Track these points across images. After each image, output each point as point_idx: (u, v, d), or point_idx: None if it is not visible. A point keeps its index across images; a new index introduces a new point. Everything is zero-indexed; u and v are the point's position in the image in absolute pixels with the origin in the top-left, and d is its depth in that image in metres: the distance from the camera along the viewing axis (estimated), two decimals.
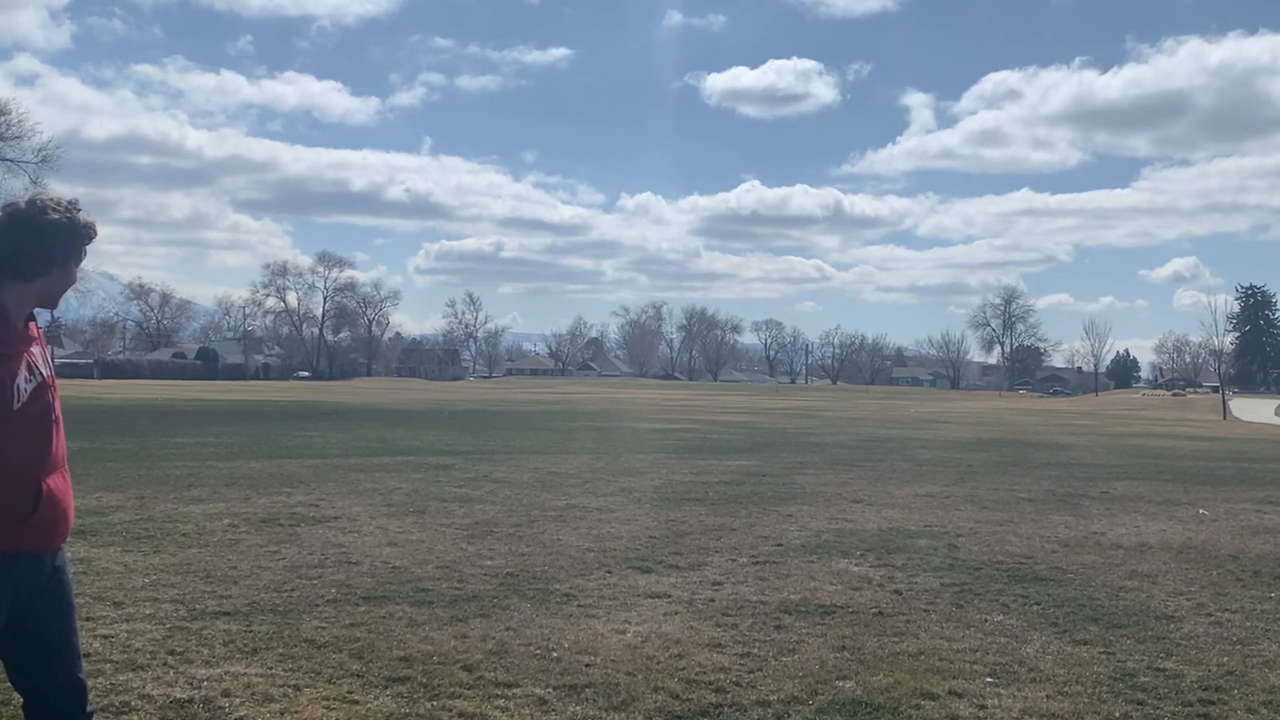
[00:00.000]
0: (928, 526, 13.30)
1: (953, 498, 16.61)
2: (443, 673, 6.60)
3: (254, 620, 7.84)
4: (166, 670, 6.55)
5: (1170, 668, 7.08)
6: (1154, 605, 9.00)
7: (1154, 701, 6.37)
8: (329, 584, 9.16)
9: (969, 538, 12.45)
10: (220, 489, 15.78)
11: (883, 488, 17.89)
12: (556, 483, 17.66)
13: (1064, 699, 6.37)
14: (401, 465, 20.37)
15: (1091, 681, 6.74)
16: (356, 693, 6.21)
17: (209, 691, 6.15)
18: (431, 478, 18.05)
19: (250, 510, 13.53)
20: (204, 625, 7.66)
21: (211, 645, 7.14)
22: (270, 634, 7.46)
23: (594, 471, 19.98)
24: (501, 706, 6.02)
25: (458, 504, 14.62)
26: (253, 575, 9.47)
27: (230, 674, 6.50)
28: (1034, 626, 8.18)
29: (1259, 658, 7.38)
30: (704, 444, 29.68)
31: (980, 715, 6.06)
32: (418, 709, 5.96)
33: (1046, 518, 14.40)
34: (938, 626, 8.10)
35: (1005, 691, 6.50)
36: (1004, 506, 15.59)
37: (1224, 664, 7.20)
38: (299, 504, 14.20)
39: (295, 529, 12.09)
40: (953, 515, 14.49)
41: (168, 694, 6.10)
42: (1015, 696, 6.41)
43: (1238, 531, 13.44)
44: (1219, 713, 6.18)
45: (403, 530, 12.17)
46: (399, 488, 16.39)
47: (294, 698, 6.10)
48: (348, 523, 12.64)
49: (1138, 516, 14.72)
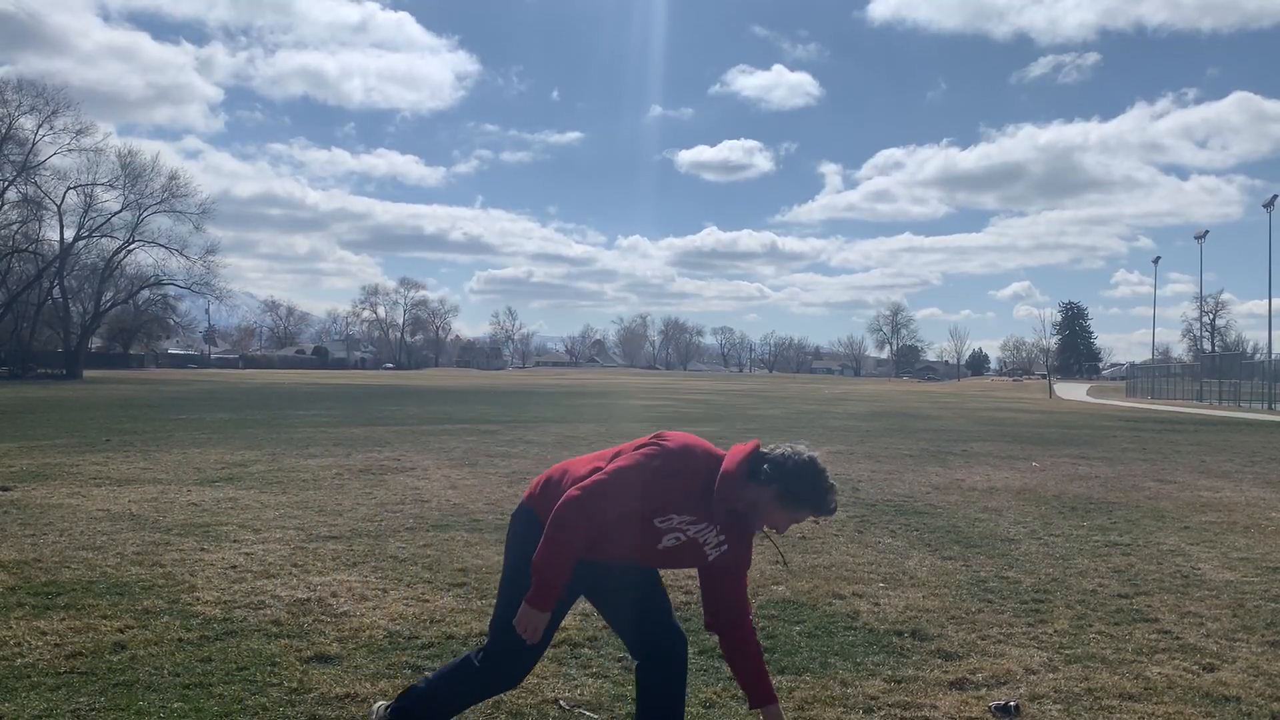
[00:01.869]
0: (837, 474, 13.21)
1: (855, 454, 16.63)
2: (489, 579, 6.58)
3: (354, 542, 7.83)
4: (291, 578, 6.54)
5: (1011, 576, 7.10)
6: (1000, 531, 9.03)
7: (999, 600, 6.40)
8: (407, 516, 9.14)
9: (867, 483, 12.47)
10: (330, 447, 15.72)
11: None
12: (571, 443, 17.63)
13: (935, 598, 6.39)
14: (459, 430, 20.32)
15: (954, 586, 6.76)
16: (428, 594, 6.20)
17: (322, 593, 6.14)
18: (481, 440, 18.01)
19: (351, 463, 13.48)
20: (318, 545, 7.65)
21: (323, 560, 7.12)
22: (365, 552, 7.44)
23: (598, 435, 19.96)
24: None
25: (500, 458, 14.59)
26: (353, 509, 9.45)
27: (337, 580, 6.48)
28: (913, 546, 8.20)
29: (1075, 569, 7.41)
30: (677, 416, 29.66)
31: (875, 610, 6.07)
32: (471, 605, 5.96)
33: (923, 468, 14.43)
34: (844, 547, 8.12)
35: (893, 593, 6.52)
36: (892, 460, 15.61)
37: (1050, 573, 7.23)
38: (386, 458, 14.15)
39: (383, 476, 12.06)
40: (856, 466, 14.51)
41: (292, 595, 6.08)
42: (900, 596, 6.43)
43: (1060, 478, 13.49)
44: (1046, 608, 6.20)
45: (460, 477, 12.14)
46: (457, 446, 16.34)
47: (382, 597, 6.08)
48: (420, 472, 12.60)
49: (988, 467, 14.76)
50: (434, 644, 5.17)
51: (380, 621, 5.54)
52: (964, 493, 11.71)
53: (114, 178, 67.27)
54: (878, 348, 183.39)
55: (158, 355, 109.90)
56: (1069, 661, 5.12)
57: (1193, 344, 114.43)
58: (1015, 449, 18.47)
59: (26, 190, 63.85)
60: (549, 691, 4.52)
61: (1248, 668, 5.06)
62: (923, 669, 4.96)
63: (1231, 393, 52.32)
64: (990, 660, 5.09)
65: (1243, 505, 11.09)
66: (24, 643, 5.00)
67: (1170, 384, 67.44)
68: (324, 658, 4.91)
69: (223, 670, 4.67)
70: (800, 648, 5.28)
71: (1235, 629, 5.80)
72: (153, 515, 8.88)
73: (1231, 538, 8.92)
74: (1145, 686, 4.75)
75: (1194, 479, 13.73)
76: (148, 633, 5.23)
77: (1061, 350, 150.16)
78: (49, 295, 69.82)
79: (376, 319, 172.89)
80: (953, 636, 5.52)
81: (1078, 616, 6.00)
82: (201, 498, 10.00)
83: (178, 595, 6.02)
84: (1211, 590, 6.78)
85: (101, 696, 4.31)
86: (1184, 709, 4.46)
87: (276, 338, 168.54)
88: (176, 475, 11.80)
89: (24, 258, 65.69)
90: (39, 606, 5.69)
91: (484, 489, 11.12)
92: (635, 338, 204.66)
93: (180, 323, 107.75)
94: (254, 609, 5.75)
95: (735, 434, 21.12)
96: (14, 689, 4.36)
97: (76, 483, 10.96)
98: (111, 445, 15.54)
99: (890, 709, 4.40)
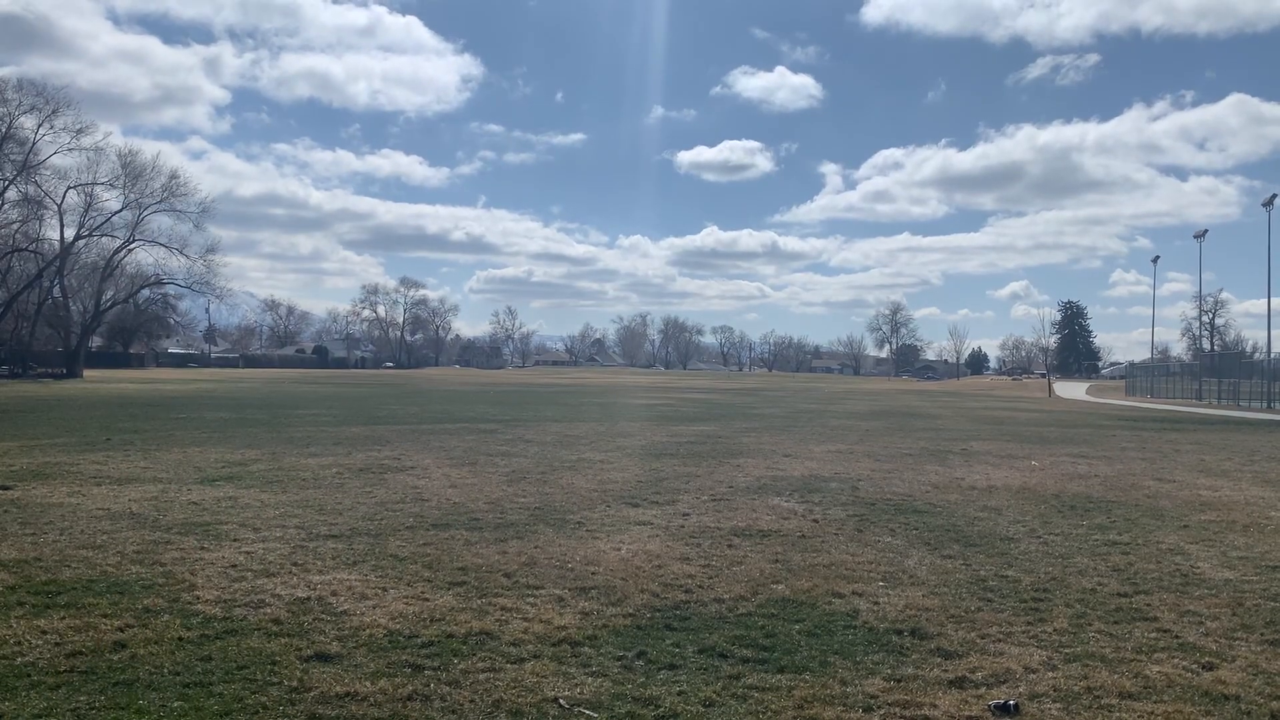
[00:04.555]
0: (837, 474, 13.31)
1: (855, 453, 16.62)
2: (489, 578, 6.59)
3: (354, 541, 7.82)
4: (291, 576, 6.53)
5: (1011, 574, 7.10)
6: (999, 530, 9.02)
7: (999, 599, 6.39)
8: (407, 515, 9.14)
9: (867, 481, 12.46)
10: (330, 446, 15.71)
11: (805, 446, 17.90)
12: (570, 442, 17.63)
13: (934, 597, 6.39)
14: (459, 430, 20.31)
15: (954, 584, 6.76)
16: (428, 593, 6.20)
17: (322, 592, 6.14)
18: (481, 439, 18.00)
19: (351, 462, 13.48)
20: (318, 544, 7.64)
21: (323, 558, 7.12)
22: (365, 550, 7.44)
23: (597, 434, 19.96)
24: (531, 602, 6.01)
25: (500, 457, 14.59)
26: (353, 508, 9.44)
27: (337, 579, 6.48)
28: (913, 545, 8.19)
29: (1074, 568, 7.41)
30: (676, 414, 29.66)
31: (875, 608, 6.07)
32: (471, 604, 5.95)
33: (922, 467, 14.42)
34: (844, 545, 8.11)
35: (893, 592, 6.51)
36: (892, 459, 15.61)
37: (1049, 572, 7.22)
38: (386, 457, 14.15)
39: (383, 475, 12.05)
40: (855, 465, 14.50)
41: (292, 593, 6.08)
42: (899, 595, 6.42)
43: (1059, 477, 13.48)
44: (1045, 606, 6.20)
45: (460, 476, 12.13)
46: (457, 445, 16.34)
47: (382, 596, 6.08)
48: (421, 471, 12.60)
49: (987, 466, 14.75)
50: (434, 642, 5.17)
51: (380, 620, 5.54)
52: (963, 491, 11.70)
53: (114, 177, 67.31)
54: (877, 347, 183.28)
55: (158, 354, 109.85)
56: (1068, 660, 5.12)
57: (1192, 343, 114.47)
58: (1014, 448, 18.46)
59: (27, 189, 63.83)
60: (549, 690, 4.51)
61: (1247, 666, 5.06)
62: (922, 667, 4.95)
63: (1230, 392, 52.32)
64: (990, 659, 5.09)
65: (1242, 504, 11.09)
66: (24, 641, 5.00)
67: (1169, 383, 67.44)
68: (324, 656, 4.91)
69: (223, 669, 4.67)
70: (800, 646, 5.28)
71: (1234, 628, 5.80)
72: (153, 514, 8.88)
73: (1231, 536, 8.91)
74: (1144, 685, 4.74)
75: (1193, 478, 13.72)
76: (148, 631, 5.23)
77: (1061, 349, 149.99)
78: (49, 294, 69.81)
79: (377, 318, 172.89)
80: (952, 635, 5.52)
81: (1077, 615, 5.99)
82: (202, 496, 10.00)
83: (178, 594, 6.02)
84: (1211, 589, 6.77)
85: (102, 695, 4.30)
86: (1183, 707, 4.46)
87: (277, 337, 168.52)
88: (177, 474, 11.80)
89: (24, 257, 65.65)
90: (39, 605, 5.69)
91: (484, 488, 11.11)
92: (635, 337, 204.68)
93: (180, 322, 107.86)
94: (254, 607, 5.75)
95: (734, 432, 21.13)
96: (14, 688, 4.36)
97: (77, 482, 10.96)
98: (112, 444, 15.53)
99: (890, 707, 4.40)
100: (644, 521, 9.04)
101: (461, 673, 4.70)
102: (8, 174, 61.59)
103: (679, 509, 9.84)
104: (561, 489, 11.18)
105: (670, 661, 4.94)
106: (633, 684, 4.62)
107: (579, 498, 10.51)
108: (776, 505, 10.24)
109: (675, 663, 4.92)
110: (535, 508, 9.73)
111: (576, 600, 6.09)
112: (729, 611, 5.92)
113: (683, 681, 4.66)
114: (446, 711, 4.23)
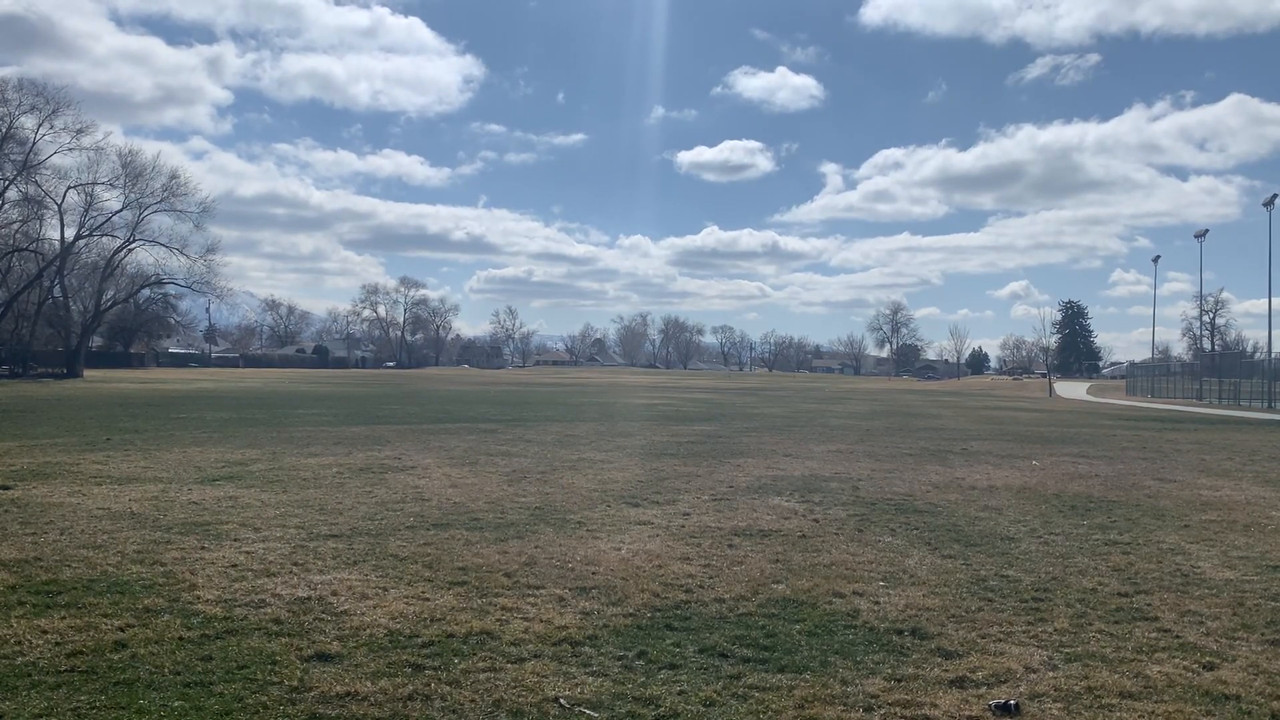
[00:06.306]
0: (837, 473, 13.31)
1: (855, 453, 16.62)
2: (489, 578, 6.59)
3: (354, 540, 7.82)
4: (291, 576, 6.54)
5: (1011, 574, 7.10)
6: (1000, 530, 9.02)
7: (999, 599, 6.39)
8: (408, 515, 9.14)
9: (867, 481, 12.46)
10: (330, 446, 15.72)
11: (805, 445, 17.90)
12: (571, 442, 17.63)
13: (935, 597, 6.39)
14: (459, 430, 20.32)
15: (955, 584, 6.76)
16: (428, 592, 6.20)
17: (322, 591, 6.14)
18: (481, 438, 18.01)
19: (351, 461, 13.48)
20: (318, 544, 7.65)
21: (324, 558, 7.12)
22: (366, 550, 7.44)
23: (598, 434, 19.96)
24: (532, 602, 6.01)
25: (500, 457, 14.59)
26: (353, 508, 9.45)
27: (337, 579, 6.48)
28: (913, 545, 8.19)
29: (1075, 568, 7.41)
30: (676, 414, 29.66)
31: (875, 609, 6.07)
32: (472, 604, 5.96)
33: (923, 467, 14.42)
34: (844, 545, 8.11)
35: (893, 592, 6.51)
36: (892, 459, 15.61)
37: (1050, 572, 7.22)
38: (386, 457, 14.15)
39: (384, 475, 12.06)
40: (855, 465, 14.50)
41: (293, 593, 6.08)
42: (900, 595, 6.42)
43: (1059, 477, 13.48)
44: (1046, 606, 6.20)
45: (461, 476, 12.13)
46: (458, 445, 16.34)
47: (383, 596, 6.08)
48: (421, 471, 12.60)
49: (988, 466, 14.76)
50: (434, 642, 5.17)
51: (381, 620, 5.54)
52: (964, 491, 11.70)
53: (114, 177, 67.29)
54: (878, 346, 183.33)
55: (158, 354, 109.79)
56: (1069, 660, 5.12)
57: (1192, 343, 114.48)
58: (1015, 448, 18.46)
59: (27, 189, 63.84)
60: (549, 689, 4.51)
61: (1248, 666, 5.06)
62: (923, 667, 4.95)
63: (1231, 391, 52.32)
64: (990, 658, 5.09)
65: (1242, 504, 11.09)
66: (25, 641, 5.00)
67: (1170, 383, 67.46)
68: (324, 656, 4.91)
69: (223, 668, 4.67)
70: (800, 646, 5.28)
71: (1235, 627, 5.80)
72: (153, 514, 8.88)
73: (1231, 536, 8.91)
74: (1145, 685, 4.74)
75: (1194, 477, 13.72)
76: (148, 631, 5.23)
77: (1061, 349, 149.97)
78: (49, 294, 69.81)
79: (377, 318, 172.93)
80: (953, 635, 5.52)
81: (1077, 615, 5.99)
82: (202, 496, 10.00)
83: (178, 594, 6.03)
84: (1211, 589, 6.77)
85: (102, 695, 4.31)
86: (1184, 707, 4.46)
87: (277, 336, 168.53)
88: (177, 474, 11.80)
89: (24, 257, 65.65)
90: (40, 605, 5.69)
91: (484, 488, 11.11)
92: (635, 336, 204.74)
93: (181, 321, 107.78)
94: (254, 607, 5.75)
95: (735, 432, 21.13)
96: (15, 687, 4.36)
97: (77, 481, 10.96)
98: (112, 444, 15.54)
99: (890, 707, 4.40)
100: (644, 521, 9.04)
101: (462, 672, 4.71)
102: (8, 174, 61.60)
103: (679, 509, 9.84)
104: (562, 489, 11.18)
105: (671, 661, 4.94)
106: (633, 684, 4.62)
107: (579, 497, 10.51)
108: (777, 505, 10.24)
109: (676, 662, 4.92)
110: (536, 507, 9.72)
111: (577, 600, 6.08)
112: (729, 611, 5.92)
113: (683, 681, 4.66)
114: (447, 711, 4.23)
